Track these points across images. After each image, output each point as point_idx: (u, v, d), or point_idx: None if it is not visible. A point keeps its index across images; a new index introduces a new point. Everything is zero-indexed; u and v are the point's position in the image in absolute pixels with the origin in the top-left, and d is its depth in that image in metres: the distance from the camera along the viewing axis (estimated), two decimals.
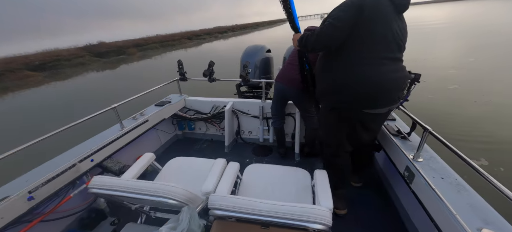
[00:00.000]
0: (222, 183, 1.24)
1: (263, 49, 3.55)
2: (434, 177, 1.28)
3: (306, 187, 1.42)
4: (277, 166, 1.61)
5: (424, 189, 1.27)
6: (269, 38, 32.16)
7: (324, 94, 1.49)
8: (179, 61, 2.66)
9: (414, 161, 1.43)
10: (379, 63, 1.26)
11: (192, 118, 2.73)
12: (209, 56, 19.07)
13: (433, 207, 1.19)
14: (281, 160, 2.43)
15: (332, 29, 1.23)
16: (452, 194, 1.16)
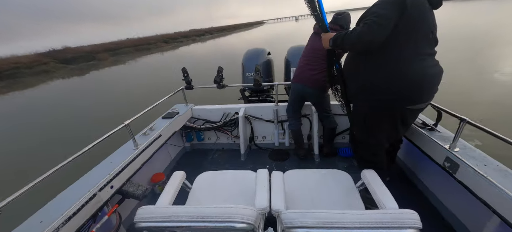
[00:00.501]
0: (275, 197, 1.15)
1: (264, 52, 3.49)
2: (477, 165, 1.28)
3: (351, 189, 1.38)
4: (314, 170, 1.56)
5: (473, 177, 1.26)
6: (247, 40, 32.25)
7: (363, 93, 1.44)
8: (184, 69, 2.50)
9: (453, 151, 1.43)
10: (421, 59, 1.25)
11: (202, 128, 2.57)
12: (189, 60, 18.61)
13: (487, 193, 1.19)
14: (304, 162, 2.38)
15: (377, 27, 1.18)
16: (501, 179, 1.17)
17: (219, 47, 27.09)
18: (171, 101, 2.37)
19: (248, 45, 4.16)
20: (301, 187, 1.42)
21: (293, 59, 3.18)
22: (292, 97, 2.22)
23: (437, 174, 1.67)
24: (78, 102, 9.11)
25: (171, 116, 2.27)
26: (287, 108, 2.30)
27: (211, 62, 14.71)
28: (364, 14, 1.33)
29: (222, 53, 19.28)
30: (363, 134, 1.58)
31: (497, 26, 16.31)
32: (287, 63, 3.29)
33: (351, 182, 1.43)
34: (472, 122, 1.34)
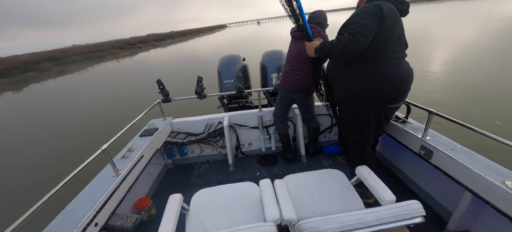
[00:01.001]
0: (285, 206, 1.14)
1: (239, 58, 3.47)
2: (447, 150, 1.48)
3: (347, 186, 1.47)
4: (311, 172, 1.60)
5: (446, 161, 1.45)
6: (211, 44, 31.70)
7: (351, 97, 1.56)
8: (159, 80, 2.32)
9: (425, 139, 1.62)
10: (399, 62, 1.41)
11: (185, 142, 2.43)
12: (152, 68, 17.41)
13: (458, 173, 1.38)
14: (293, 164, 2.43)
15: (360, 37, 1.28)
16: (467, 160, 1.37)
17: (183, 52, 26.01)
18: (144, 116, 2.18)
19: (214, 50, 4.09)
20: (302, 191, 1.45)
21: (269, 64, 3.24)
22: (281, 103, 2.25)
23: (413, 160, 1.88)
24: (19, 121, 7.75)
25: (150, 133, 2.09)
26: (275, 113, 2.33)
27: (178, 70, 14.02)
28: (346, 23, 1.43)
29: (188, 60, 18.57)
30: (353, 134, 1.69)
31: (428, 26, 19.19)
32: (263, 68, 3.33)
33: (346, 179, 1.52)
34: (439, 113, 1.55)
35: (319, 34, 1.90)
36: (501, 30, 14.45)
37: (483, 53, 9.43)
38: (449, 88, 6.13)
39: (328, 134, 2.71)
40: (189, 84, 8.70)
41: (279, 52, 3.35)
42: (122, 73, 15.89)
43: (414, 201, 0.95)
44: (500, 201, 1.18)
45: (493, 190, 1.20)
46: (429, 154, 1.59)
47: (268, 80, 3.16)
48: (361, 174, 1.37)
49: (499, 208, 1.18)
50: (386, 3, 1.36)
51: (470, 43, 11.61)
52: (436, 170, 1.56)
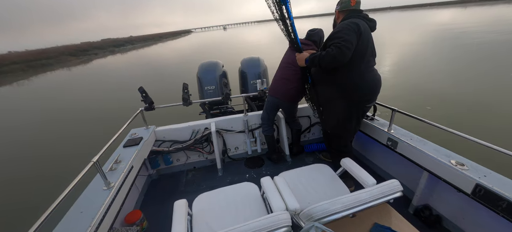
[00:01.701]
0: (289, 198, 1.25)
1: (219, 64, 3.52)
2: (407, 140, 1.81)
3: (333, 176, 1.68)
4: (302, 168, 1.78)
5: (408, 148, 1.78)
6: (176, 50, 30.64)
7: (336, 98, 1.82)
8: (141, 88, 2.25)
9: (390, 132, 1.95)
10: (372, 70, 1.74)
11: (171, 150, 2.39)
12: (112, 75, 16.02)
13: (418, 157, 1.70)
14: (278, 164, 2.58)
15: (345, 49, 1.53)
16: (423, 146, 1.71)
17: (147, 59, 24.55)
18: (120, 123, 2.09)
19: (180, 56, 4.08)
20: (297, 185, 1.61)
21: (249, 71, 3.37)
22: (269, 108, 2.39)
23: (382, 151, 2.21)
24: None
25: (136, 143, 2.03)
26: (263, 116, 2.45)
27: (142, 77, 13.25)
28: (331, 37, 1.68)
29: (154, 67, 17.64)
30: (338, 130, 1.96)
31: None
32: (242, 74, 3.45)
33: (331, 171, 1.73)
34: (400, 110, 1.88)
35: (307, 47, 2.09)
36: (433, 33, 17.19)
37: (419, 54, 11.24)
38: (391, 84, 7.22)
39: (307, 134, 2.94)
40: (158, 91, 8.39)
41: (257, 59, 3.51)
42: (75, 82, 14.30)
43: (393, 180, 1.17)
44: (449, 175, 1.50)
45: (443, 167, 1.53)
46: (395, 145, 1.91)
47: (249, 86, 3.28)
48: (346, 165, 1.59)
49: (449, 181, 1.50)
50: (361, 21, 1.65)
51: (409, 47, 13.63)
52: (400, 157, 1.87)
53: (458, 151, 1.61)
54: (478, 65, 8.45)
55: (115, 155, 1.82)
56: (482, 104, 5.27)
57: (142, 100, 2.26)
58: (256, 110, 3.04)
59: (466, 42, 13.46)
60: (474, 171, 1.42)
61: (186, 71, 12.95)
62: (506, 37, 13.94)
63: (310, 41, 2.18)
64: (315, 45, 2.17)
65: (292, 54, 2.13)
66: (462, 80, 7.00)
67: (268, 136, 2.50)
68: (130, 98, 8.38)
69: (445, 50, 12.02)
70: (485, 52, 10.47)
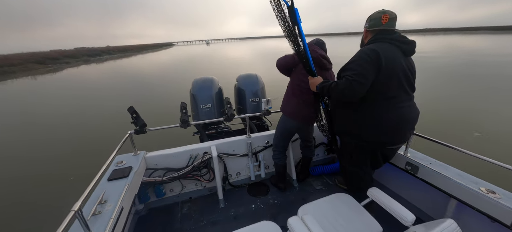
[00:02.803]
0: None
1: (215, 81, 3.29)
2: (427, 164, 1.71)
3: (359, 208, 1.50)
4: (323, 199, 1.58)
5: (431, 174, 1.67)
6: (157, 63, 29.75)
7: (347, 133, 1.62)
8: (131, 108, 1.93)
9: (408, 156, 1.84)
10: (401, 106, 1.44)
11: (165, 180, 2.06)
12: (89, 86, 14.70)
13: (444, 183, 1.60)
14: (289, 191, 2.35)
15: (357, 85, 1.32)
16: (446, 171, 1.60)
17: (127, 70, 23.42)
18: (98, 147, 1.74)
19: (157, 67, 3.79)
20: (323, 221, 1.41)
21: (247, 88, 3.19)
22: (285, 133, 2.15)
23: (399, 176, 2.07)
24: None
25: (124, 175, 1.68)
26: (276, 142, 2.22)
27: (122, 90, 12.42)
28: (344, 67, 1.49)
29: (133, 78, 16.79)
30: (352, 166, 1.77)
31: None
32: (239, 91, 3.25)
33: (355, 201, 1.56)
34: (418, 134, 1.79)
35: (323, 70, 1.90)
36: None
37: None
38: None
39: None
40: (142, 106, 7.75)
41: (255, 76, 3.35)
42: (41, 92, 12.94)
43: (447, 221, 0.99)
44: (481, 204, 1.42)
45: (473, 195, 1.44)
46: (415, 169, 1.81)
47: (248, 104, 3.09)
48: (374, 195, 1.43)
49: (482, 210, 1.41)
50: (387, 46, 1.40)
51: None
52: (422, 182, 1.76)
53: (481, 177, 1.55)
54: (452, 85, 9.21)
55: (98, 193, 1.47)
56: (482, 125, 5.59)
57: (133, 122, 1.94)
58: (257, 131, 2.84)
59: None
60: (508, 199, 1.34)
61: (173, 86, 12.41)
62: (468, 59, 15.58)
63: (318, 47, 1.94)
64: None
65: (325, 74, 1.93)
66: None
67: (280, 165, 2.27)
68: (108, 114, 7.55)
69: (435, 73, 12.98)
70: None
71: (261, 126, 3.26)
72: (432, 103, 7.23)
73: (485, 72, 12.08)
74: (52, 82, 17.16)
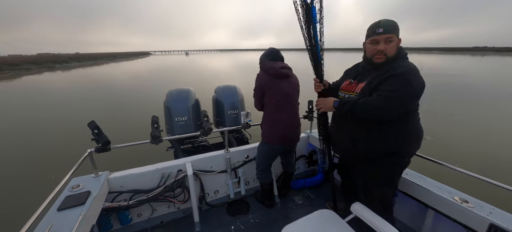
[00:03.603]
0: None
1: (191, 92, 3.12)
2: (405, 176, 1.74)
3: (342, 224, 1.43)
4: (305, 218, 1.49)
5: (409, 185, 1.70)
6: (131, 72, 28.41)
7: (394, 155, 1.41)
8: (93, 123, 1.70)
9: None
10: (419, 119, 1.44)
11: (131, 204, 1.80)
12: (40, 94, 13.20)
13: (421, 195, 1.63)
14: (271, 208, 2.24)
15: (396, 105, 1.23)
16: (424, 183, 1.65)
17: (97, 78, 21.93)
18: (48, 168, 1.50)
19: (132, 76, 3.56)
20: None
21: (225, 100, 3.07)
22: (271, 156, 2.05)
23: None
24: None
25: (80, 202, 1.43)
26: (259, 162, 2.10)
27: (87, 101, 11.45)
28: (381, 81, 1.30)
29: (102, 88, 15.75)
30: (386, 192, 1.56)
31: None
32: (218, 103, 3.13)
33: (339, 218, 1.50)
34: None
35: (287, 77, 1.91)
36: None
37: None
38: None
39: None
40: (108, 121, 7.11)
41: (233, 88, 3.26)
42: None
43: None
44: (457, 214, 1.46)
45: (449, 205, 1.48)
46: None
47: (226, 117, 2.97)
48: (357, 211, 1.39)
49: (459, 221, 1.45)
50: None
51: None
52: (401, 194, 1.78)
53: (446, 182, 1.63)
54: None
55: (44, 228, 1.22)
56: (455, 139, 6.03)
57: (93, 139, 1.70)
58: (236, 145, 2.71)
59: None
60: (480, 208, 1.39)
61: (146, 98, 11.77)
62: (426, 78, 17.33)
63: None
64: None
65: (284, 84, 1.87)
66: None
67: (267, 183, 2.16)
68: (67, 130, 6.64)
69: None
70: None
71: (241, 139, 3.14)
72: None
73: (438, 86, 13.52)
74: (5, 91, 15.33)
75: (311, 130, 2.76)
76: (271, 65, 1.85)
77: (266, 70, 1.87)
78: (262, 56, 1.96)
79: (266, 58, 1.92)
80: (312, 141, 2.70)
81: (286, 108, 1.88)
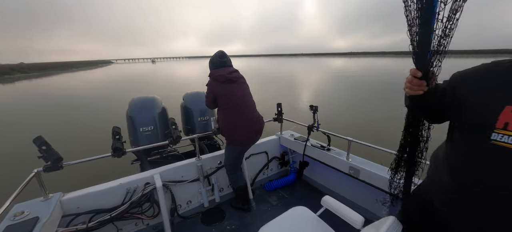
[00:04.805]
0: None
1: (157, 100, 2.94)
2: (366, 167, 1.87)
3: (315, 219, 1.51)
4: (281, 217, 1.53)
5: (371, 175, 1.83)
6: (91, 82, 26.01)
7: None
8: (39, 138, 1.49)
9: (349, 161, 2.00)
10: None
11: (91, 226, 1.57)
12: None
13: (379, 182, 1.75)
14: (242, 210, 2.22)
15: None
16: (380, 171, 1.80)
17: (46, 91, 19.55)
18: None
19: (93, 87, 3.33)
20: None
21: (194, 107, 2.99)
22: (238, 158, 2.07)
23: (346, 181, 2.21)
24: None
25: (26, 231, 1.25)
26: (229, 169, 2.10)
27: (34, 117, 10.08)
28: None
29: (53, 101, 14.11)
30: None
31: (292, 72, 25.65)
32: (186, 110, 3.03)
33: (311, 213, 1.57)
34: (356, 140, 1.98)
35: (236, 80, 1.97)
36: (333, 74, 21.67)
37: (329, 88, 13.78)
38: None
39: (266, 171, 2.75)
40: (61, 137, 6.33)
41: (203, 94, 3.20)
42: None
43: (389, 218, 1.09)
44: None
45: None
46: (357, 173, 1.96)
47: (196, 124, 2.88)
48: (328, 204, 1.47)
49: None
50: None
51: (318, 82, 16.60)
52: (364, 184, 1.92)
53: None
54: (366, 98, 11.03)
55: None
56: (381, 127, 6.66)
57: (41, 157, 1.51)
58: (208, 151, 2.64)
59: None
60: None
61: (105, 108, 10.84)
62: (382, 78, 19.25)
63: None
64: None
65: (239, 88, 1.97)
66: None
67: (241, 187, 2.15)
68: (8, 148, 6.02)
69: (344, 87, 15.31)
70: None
71: (213, 145, 3.08)
72: (359, 111, 8.50)
73: (392, 85, 15.19)
74: None
75: (282, 132, 2.84)
76: (220, 73, 1.90)
77: (216, 79, 1.91)
78: (210, 64, 2.00)
79: (214, 66, 1.96)
80: (283, 142, 2.78)
81: (243, 109, 1.96)
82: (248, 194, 2.30)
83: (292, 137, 2.68)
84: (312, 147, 2.40)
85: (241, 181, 2.16)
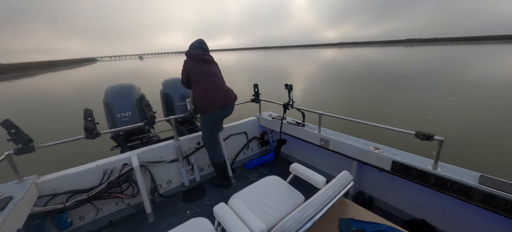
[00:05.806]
0: (252, 220, 1.13)
1: (134, 87, 2.92)
2: (335, 138, 2.05)
3: (285, 185, 1.62)
4: (254, 184, 1.63)
5: (339, 145, 1.99)
6: (76, 83, 25.13)
7: None
8: (7, 121, 1.49)
9: (320, 133, 2.16)
10: None
11: (68, 205, 1.60)
12: None
13: (348, 150, 1.91)
14: (223, 187, 2.31)
15: None
16: (348, 140, 1.96)
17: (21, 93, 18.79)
18: None
19: (79, 87, 3.28)
20: (255, 202, 1.47)
21: (173, 92, 3.02)
22: (209, 127, 2.13)
23: (316, 152, 2.39)
24: None
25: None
26: (205, 139, 2.16)
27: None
28: None
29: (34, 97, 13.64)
30: None
31: (285, 63, 25.75)
32: (166, 97, 3.05)
33: (282, 180, 1.69)
34: (326, 113, 2.10)
35: (210, 63, 2.12)
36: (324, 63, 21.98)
37: (316, 74, 14.03)
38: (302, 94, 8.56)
39: (246, 151, 2.83)
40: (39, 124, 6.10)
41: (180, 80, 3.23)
42: None
43: (343, 172, 1.21)
44: (372, 159, 1.77)
45: (367, 154, 1.78)
46: (327, 143, 2.09)
47: (176, 109, 2.91)
48: (295, 170, 1.59)
49: (372, 164, 1.76)
50: None
51: (307, 71, 16.83)
52: (333, 153, 2.06)
53: (370, 140, 1.96)
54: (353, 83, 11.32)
55: None
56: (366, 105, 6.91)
57: (11, 140, 1.51)
58: (187, 134, 2.70)
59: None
60: (387, 151, 1.71)
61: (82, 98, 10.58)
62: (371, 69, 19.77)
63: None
64: None
65: (203, 65, 2.08)
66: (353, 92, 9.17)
67: (219, 163, 2.22)
68: None
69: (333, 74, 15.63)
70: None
71: (194, 130, 3.13)
72: (346, 94, 8.75)
73: (380, 72, 15.60)
74: None
75: (260, 113, 2.91)
76: (194, 52, 2.09)
77: (190, 57, 2.09)
78: (189, 47, 2.18)
79: (191, 48, 2.15)
80: (262, 122, 2.86)
81: (213, 81, 2.09)
82: (227, 171, 2.37)
83: (270, 117, 2.76)
84: (288, 125, 2.49)
85: (220, 156, 2.24)
